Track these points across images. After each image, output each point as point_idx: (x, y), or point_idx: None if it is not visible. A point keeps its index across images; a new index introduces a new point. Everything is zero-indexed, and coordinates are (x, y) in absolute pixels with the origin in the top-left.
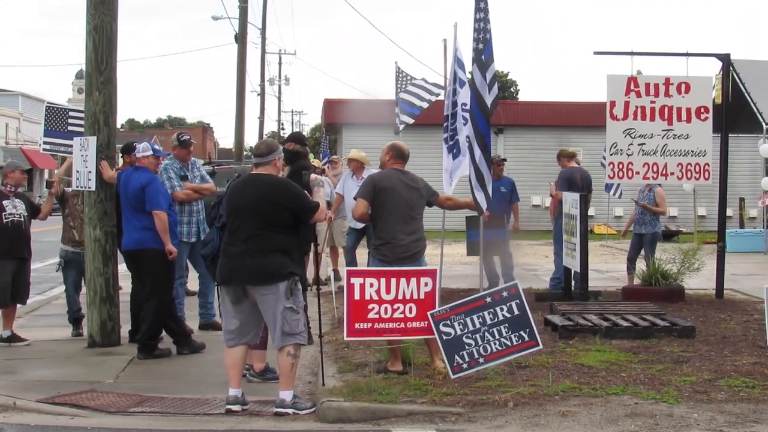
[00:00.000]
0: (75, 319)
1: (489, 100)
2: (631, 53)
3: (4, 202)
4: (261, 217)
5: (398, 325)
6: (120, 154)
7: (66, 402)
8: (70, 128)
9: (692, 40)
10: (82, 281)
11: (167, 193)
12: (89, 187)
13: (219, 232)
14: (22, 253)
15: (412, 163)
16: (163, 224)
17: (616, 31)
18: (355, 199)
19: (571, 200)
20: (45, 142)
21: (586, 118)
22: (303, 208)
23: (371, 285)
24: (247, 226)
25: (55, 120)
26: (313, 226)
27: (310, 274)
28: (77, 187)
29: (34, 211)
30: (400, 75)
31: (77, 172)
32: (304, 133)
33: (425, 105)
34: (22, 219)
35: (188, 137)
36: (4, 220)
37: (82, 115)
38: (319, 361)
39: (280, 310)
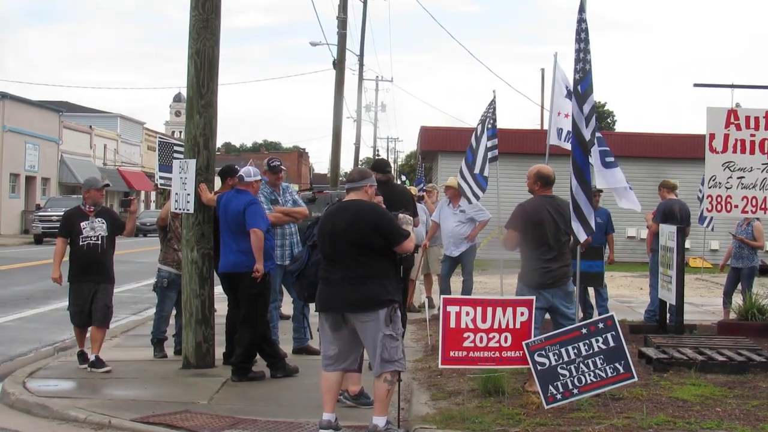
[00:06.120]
0: (158, 340)
1: (587, 132)
2: (732, 86)
3: (82, 224)
4: (354, 243)
5: (493, 354)
6: (220, 178)
7: (160, 422)
8: (175, 162)
9: None
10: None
11: (266, 216)
12: (188, 210)
13: (309, 251)
14: (97, 278)
15: (511, 192)
16: (259, 242)
17: (715, 63)
18: (506, 228)
19: (668, 232)
20: (161, 177)
21: (683, 150)
22: (391, 232)
23: (467, 313)
24: (343, 253)
25: (166, 155)
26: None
27: None
28: (175, 209)
29: (118, 227)
30: (492, 107)
31: (176, 194)
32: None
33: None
34: (100, 241)
35: (278, 163)
36: (80, 243)
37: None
38: (412, 388)
39: (380, 337)
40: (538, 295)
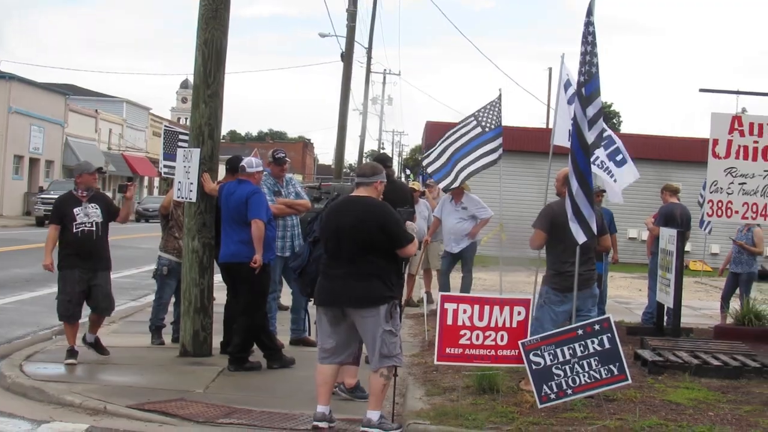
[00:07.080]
0: (157, 327)
1: (590, 136)
2: (737, 92)
3: (75, 210)
4: (360, 240)
5: (489, 352)
6: (226, 167)
7: (155, 409)
8: (179, 151)
9: None
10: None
11: (268, 206)
12: (190, 199)
13: (310, 247)
14: (94, 266)
15: (514, 190)
16: (259, 233)
17: (724, 67)
18: (533, 227)
19: (668, 236)
20: (165, 166)
21: (686, 153)
22: (397, 234)
23: (464, 311)
24: (348, 249)
25: (171, 143)
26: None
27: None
28: (178, 197)
29: (113, 213)
30: (497, 106)
31: (179, 182)
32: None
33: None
34: (95, 227)
35: (283, 155)
36: (74, 230)
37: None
38: (408, 383)
39: (379, 333)
40: (563, 297)
